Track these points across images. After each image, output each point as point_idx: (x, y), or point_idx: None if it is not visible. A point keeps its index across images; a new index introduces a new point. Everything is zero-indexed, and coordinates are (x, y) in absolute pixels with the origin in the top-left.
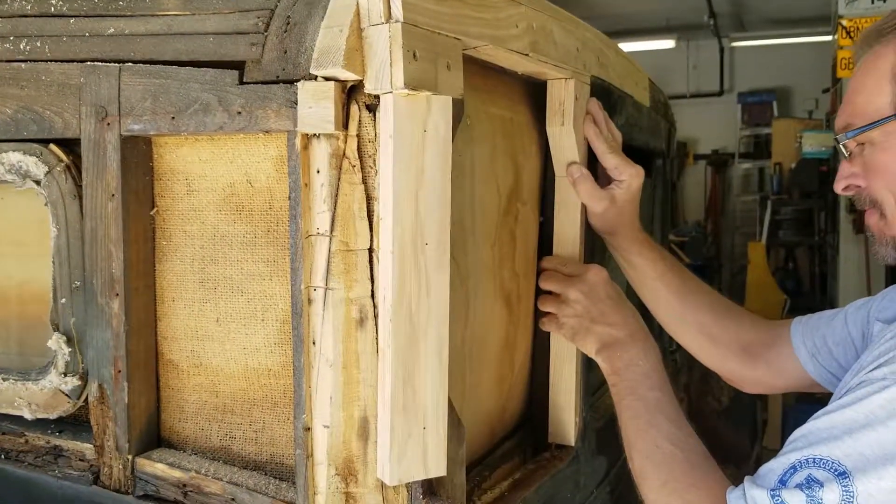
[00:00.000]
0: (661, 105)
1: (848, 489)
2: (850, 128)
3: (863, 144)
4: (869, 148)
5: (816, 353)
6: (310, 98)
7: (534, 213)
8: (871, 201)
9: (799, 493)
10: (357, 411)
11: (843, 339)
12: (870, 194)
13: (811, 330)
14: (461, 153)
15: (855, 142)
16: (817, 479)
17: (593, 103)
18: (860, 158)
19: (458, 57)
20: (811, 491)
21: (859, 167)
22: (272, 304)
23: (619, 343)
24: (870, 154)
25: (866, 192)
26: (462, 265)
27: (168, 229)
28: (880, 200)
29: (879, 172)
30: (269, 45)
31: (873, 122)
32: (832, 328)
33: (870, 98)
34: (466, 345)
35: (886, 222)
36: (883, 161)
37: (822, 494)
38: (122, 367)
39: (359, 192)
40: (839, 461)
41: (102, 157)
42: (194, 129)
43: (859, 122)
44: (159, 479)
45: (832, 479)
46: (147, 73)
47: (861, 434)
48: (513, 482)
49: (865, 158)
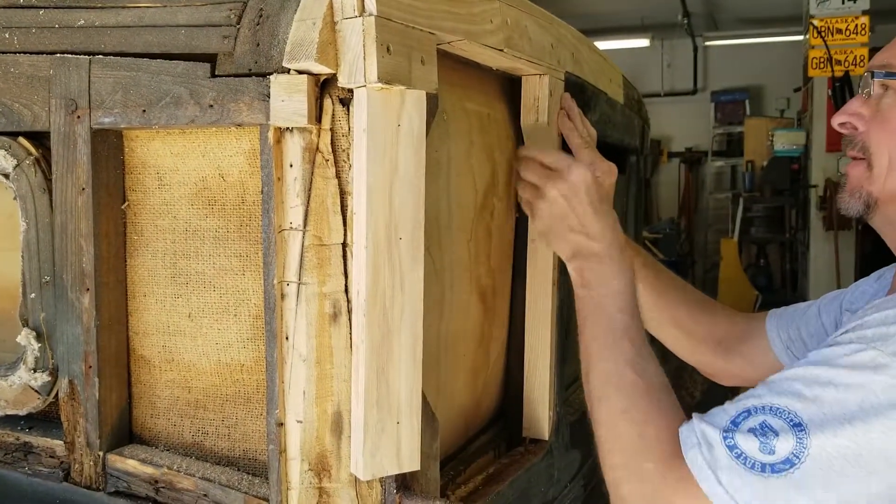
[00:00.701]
0: (635, 102)
1: (802, 442)
2: (890, 69)
3: (886, 90)
4: (892, 96)
5: (791, 344)
6: (282, 91)
7: (510, 209)
8: (863, 148)
9: (752, 439)
10: (330, 406)
11: (816, 331)
12: (865, 141)
13: (786, 322)
14: (437, 149)
15: (883, 84)
16: (772, 426)
17: (567, 98)
18: (875, 103)
19: (433, 51)
20: (765, 438)
21: (869, 111)
22: (245, 299)
23: (594, 256)
24: (891, 104)
25: (862, 138)
26: (438, 260)
27: (139, 223)
28: (874, 152)
29: (889, 124)
30: (242, 37)
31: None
32: (806, 320)
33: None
34: (441, 340)
35: (870, 176)
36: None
37: (776, 444)
38: (93, 363)
39: (332, 186)
40: (797, 413)
41: (72, 150)
42: (165, 123)
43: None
44: (131, 476)
45: (787, 429)
46: (118, 65)
47: (823, 391)
48: (487, 476)
49: (882, 106)
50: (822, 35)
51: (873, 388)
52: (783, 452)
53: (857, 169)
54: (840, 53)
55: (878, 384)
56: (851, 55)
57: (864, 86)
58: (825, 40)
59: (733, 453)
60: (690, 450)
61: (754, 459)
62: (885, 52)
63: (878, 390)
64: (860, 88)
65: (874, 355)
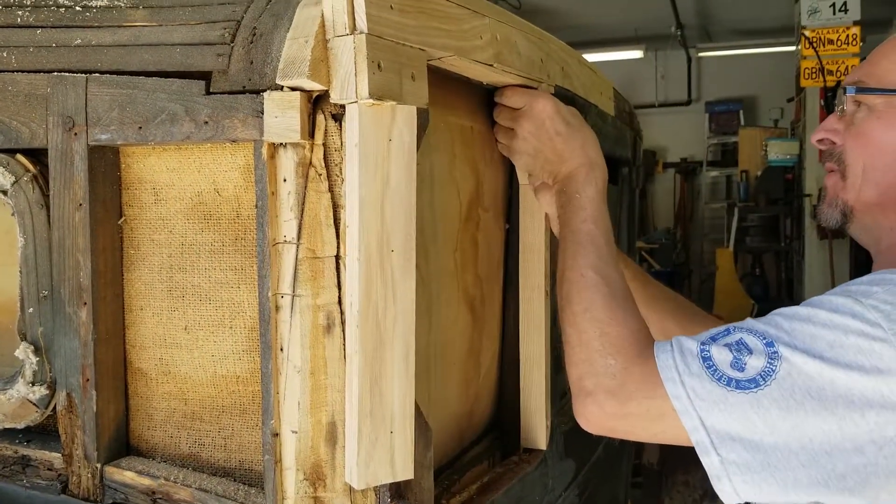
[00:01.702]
0: (627, 114)
1: (772, 364)
2: (861, 85)
3: (859, 105)
4: (865, 111)
5: None
6: (276, 108)
7: (497, 220)
8: (839, 161)
9: (727, 352)
10: (325, 416)
11: None
12: (842, 154)
13: None
14: (420, 162)
15: (855, 100)
16: (747, 344)
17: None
18: (849, 118)
19: (423, 67)
20: (739, 354)
21: (844, 126)
22: (240, 311)
23: (566, 175)
24: (863, 118)
25: (839, 151)
26: (424, 271)
27: (136, 238)
28: (848, 164)
29: (863, 138)
30: (236, 55)
31: (885, 89)
32: None
33: (892, 67)
34: (430, 349)
35: (845, 186)
36: (872, 128)
37: (748, 360)
38: (91, 376)
39: (325, 200)
40: (773, 337)
41: (70, 166)
42: (161, 139)
43: (872, 84)
44: (128, 487)
45: (761, 349)
46: (114, 83)
47: (801, 325)
48: (481, 485)
49: (857, 120)
50: (813, 46)
51: (847, 330)
52: (752, 371)
53: (833, 179)
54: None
55: (852, 328)
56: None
57: (839, 103)
58: (817, 51)
59: (705, 364)
60: (663, 353)
61: (723, 372)
62: (857, 70)
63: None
64: (836, 105)
65: (853, 303)
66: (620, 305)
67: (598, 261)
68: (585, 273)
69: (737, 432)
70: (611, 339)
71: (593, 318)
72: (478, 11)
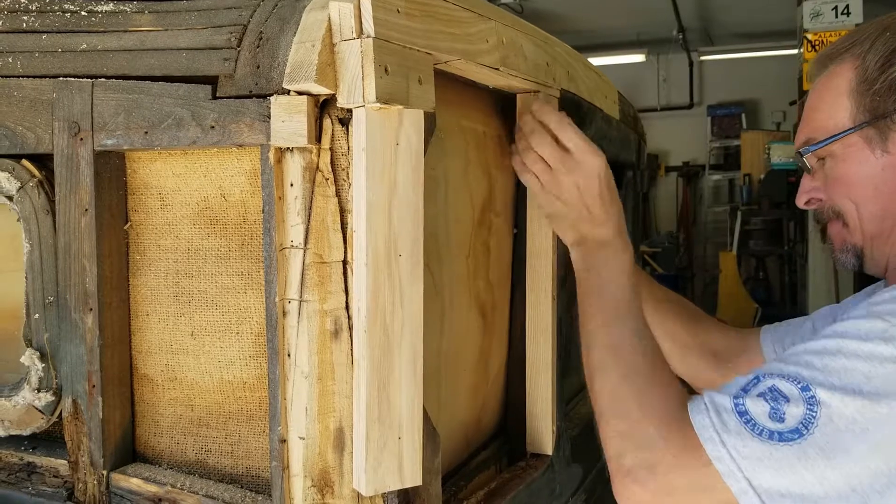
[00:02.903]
0: (631, 118)
1: (812, 410)
2: (811, 142)
3: (823, 159)
4: (830, 161)
5: None
6: (283, 112)
7: (507, 224)
8: (834, 212)
9: (763, 403)
10: (332, 422)
11: None
12: (832, 205)
13: (780, 337)
14: (434, 166)
15: (816, 157)
16: (782, 391)
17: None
18: (821, 172)
19: (430, 71)
20: (776, 404)
21: (820, 181)
22: (247, 317)
23: (598, 241)
24: (831, 167)
25: (828, 204)
26: (437, 276)
27: (142, 244)
28: (842, 210)
29: (840, 183)
30: (242, 60)
31: (833, 136)
32: (801, 334)
33: (829, 114)
34: (442, 355)
35: (849, 230)
36: (843, 172)
37: (787, 410)
38: (97, 382)
39: (332, 204)
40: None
41: (75, 172)
42: (168, 144)
43: (820, 137)
44: (134, 494)
45: (798, 395)
46: (120, 88)
47: (833, 360)
48: (488, 491)
49: (826, 171)
50: (815, 49)
51: (882, 359)
52: (792, 421)
53: (836, 227)
54: None
55: (886, 356)
56: None
57: (804, 166)
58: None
59: (742, 419)
60: (698, 415)
61: (763, 426)
62: (801, 132)
63: (886, 362)
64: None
65: (882, 326)
66: (658, 368)
67: (636, 329)
68: (623, 341)
69: (786, 488)
70: (650, 405)
71: (633, 384)
72: (484, 15)
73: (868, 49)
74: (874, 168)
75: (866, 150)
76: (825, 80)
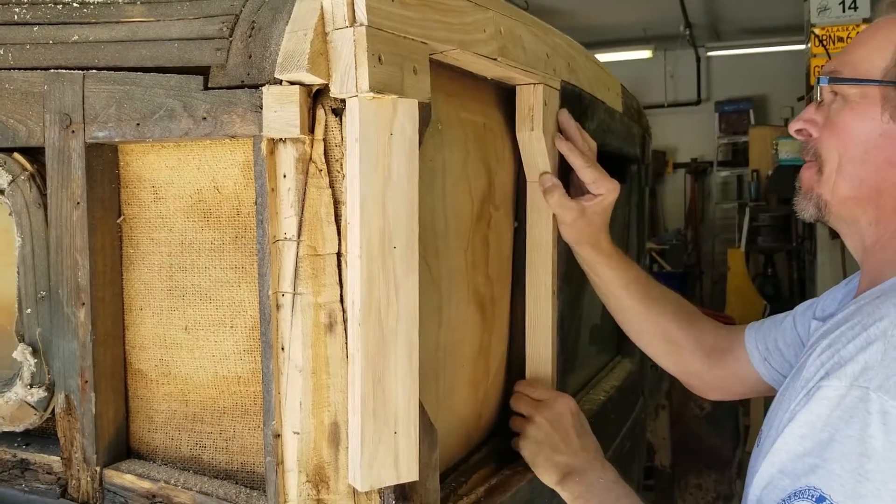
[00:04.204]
0: (635, 111)
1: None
2: (835, 74)
3: (836, 95)
4: (840, 102)
5: (769, 356)
6: (275, 102)
7: (507, 218)
8: (815, 154)
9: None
10: (327, 417)
11: (793, 341)
12: (817, 147)
13: (763, 334)
14: (433, 158)
15: (832, 90)
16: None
17: (563, 115)
18: (826, 110)
19: (425, 61)
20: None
21: (821, 117)
22: (241, 310)
23: (576, 470)
24: (838, 108)
25: (815, 143)
26: (435, 270)
27: (135, 237)
28: (824, 157)
29: (837, 129)
30: (234, 50)
31: (858, 80)
32: (783, 330)
33: (867, 55)
34: (440, 350)
35: (821, 179)
36: (845, 120)
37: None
38: (89, 378)
39: (326, 196)
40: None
41: (67, 164)
42: (160, 136)
43: (847, 73)
44: (128, 491)
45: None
46: (111, 79)
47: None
48: (489, 488)
49: (832, 111)
50: (823, 43)
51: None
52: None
53: (809, 172)
54: None
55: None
56: None
57: (815, 93)
58: (827, 49)
59: None
60: None
61: None
62: (834, 60)
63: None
64: (815, 95)
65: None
66: None
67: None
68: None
69: None
70: None
71: None
72: (480, 4)
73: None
74: (873, 130)
75: (877, 108)
76: (885, 23)
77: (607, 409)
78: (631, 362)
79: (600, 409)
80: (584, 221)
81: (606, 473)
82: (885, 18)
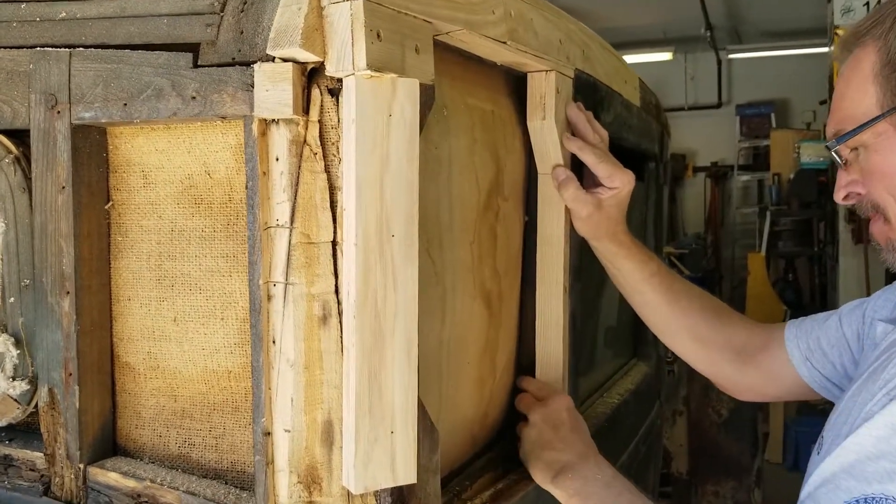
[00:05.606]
0: (653, 107)
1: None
2: (840, 133)
3: (856, 150)
4: (863, 152)
5: (810, 355)
6: (267, 80)
7: (517, 211)
8: (873, 206)
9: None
10: (320, 414)
11: (837, 341)
12: (870, 200)
13: (805, 332)
14: (438, 145)
15: (847, 147)
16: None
17: (571, 109)
18: (856, 165)
19: (428, 40)
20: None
21: (857, 174)
22: (232, 301)
23: (569, 466)
24: (864, 158)
25: (867, 199)
26: (438, 262)
27: (124, 224)
28: (882, 204)
29: (876, 175)
30: (225, 25)
31: (862, 125)
32: (826, 330)
33: (855, 101)
34: (443, 346)
35: (891, 227)
36: (878, 163)
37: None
38: (73, 370)
39: (321, 181)
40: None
41: (52, 147)
42: (147, 116)
43: (849, 127)
44: (112, 490)
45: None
46: (98, 57)
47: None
48: (494, 492)
49: (861, 164)
50: None
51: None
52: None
53: (877, 225)
54: None
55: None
56: None
57: (836, 160)
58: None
59: None
60: None
61: None
62: (830, 123)
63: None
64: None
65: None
66: None
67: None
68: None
69: None
70: None
71: None
72: None
73: (889, 28)
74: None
75: (894, 137)
76: (850, 64)
77: (622, 413)
78: (647, 366)
79: (614, 413)
80: (601, 215)
81: (603, 469)
82: (846, 63)
